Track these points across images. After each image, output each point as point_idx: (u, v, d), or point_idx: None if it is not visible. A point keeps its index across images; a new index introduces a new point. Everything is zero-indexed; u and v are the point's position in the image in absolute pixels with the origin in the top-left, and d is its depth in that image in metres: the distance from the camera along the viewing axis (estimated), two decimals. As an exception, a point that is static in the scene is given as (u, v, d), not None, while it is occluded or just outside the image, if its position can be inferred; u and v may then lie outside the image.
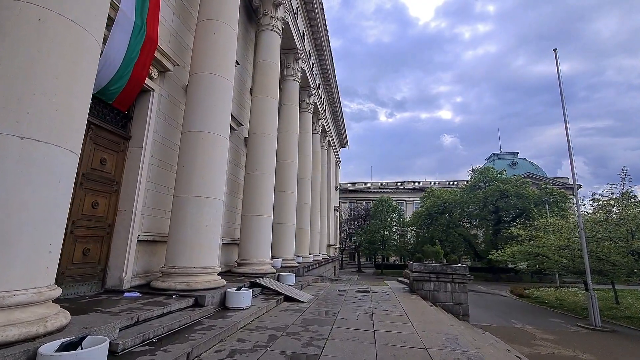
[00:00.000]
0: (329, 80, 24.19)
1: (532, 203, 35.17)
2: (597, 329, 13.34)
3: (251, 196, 10.68)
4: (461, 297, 10.48)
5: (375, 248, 48.00)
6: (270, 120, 11.45)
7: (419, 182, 64.39)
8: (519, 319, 15.37)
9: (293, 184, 14.98)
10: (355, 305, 7.87)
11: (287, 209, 14.34)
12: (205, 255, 6.56)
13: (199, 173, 6.81)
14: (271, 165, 11.27)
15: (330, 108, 28.99)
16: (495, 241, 36.92)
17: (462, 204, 40.69)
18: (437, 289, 10.59)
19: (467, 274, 10.60)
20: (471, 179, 42.90)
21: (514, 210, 37.74)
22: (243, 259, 10.24)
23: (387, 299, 9.08)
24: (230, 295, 6.33)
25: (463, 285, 10.56)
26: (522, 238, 21.64)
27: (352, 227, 55.27)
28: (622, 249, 14.55)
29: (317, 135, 23.13)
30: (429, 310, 7.99)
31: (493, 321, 14.32)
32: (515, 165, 59.75)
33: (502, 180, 37.73)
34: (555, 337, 11.81)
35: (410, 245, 48.75)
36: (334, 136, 34.00)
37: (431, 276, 10.64)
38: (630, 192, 18.86)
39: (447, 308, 10.30)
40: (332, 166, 32.29)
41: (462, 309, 10.39)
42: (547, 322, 14.80)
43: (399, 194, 62.18)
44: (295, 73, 15.89)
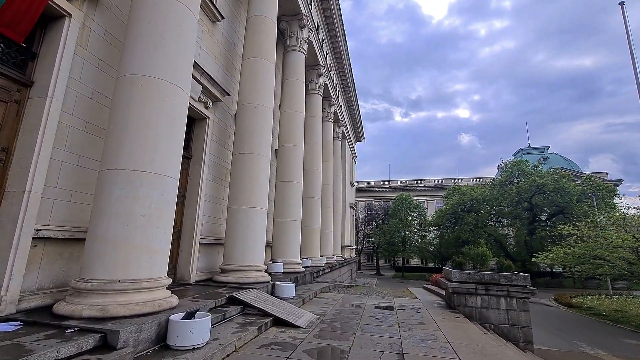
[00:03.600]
0: (341, 62, 21.66)
1: (574, 199, 31.17)
2: (699, 357, 10.15)
3: (239, 183, 8.33)
4: (520, 316, 7.69)
5: (395, 249, 44.87)
6: (264, 87, 9.06)
7: (441, 180, 60.62)
8: (583, 339, 12.27)
9: (298, 173, 12.56)
10: (376, 334, 5.32)
11: (290, 202, 11.95)
12: (137, 261, 4.19)
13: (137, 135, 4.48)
14: (266, 145, 8.89)
15: (344, 95, 26.44)
16: (530, 242, 33.17)
17: (491, 201, 37.01)
18: (487, 305, 7.84)
19: (528, 284, 7.80)
20: (501, 174, 39.12)
21: (551, 207, 33.77)
22: (227, 263, 7.90)
23: (419, 320, 6.46)
24: (173, 326, 3.93)
25: (523, 301, 7.76)
26: (574, 239, 18.26)
27: (369, 227, 52.35)
28: None
29: (329, 122, 20.64)
30: (486, 341, 5.33)
31: (553, 343, 11.35)
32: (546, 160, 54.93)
33: (538, 174, 33.83)
34: (650, 372, 8.81)
35: (434, 246, 45.31)
36: (349, 128, 31.39)
37: (478, 288, 7.91)
38: None
39: (502, 332, 7.55)
40: (347, 160, 29.70)
41: (522, 333, 7.60)
42: (624, 345, 11.65)
43: (418, 193, 58.68)
44: (300, 43, 13.49)
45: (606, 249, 16.20)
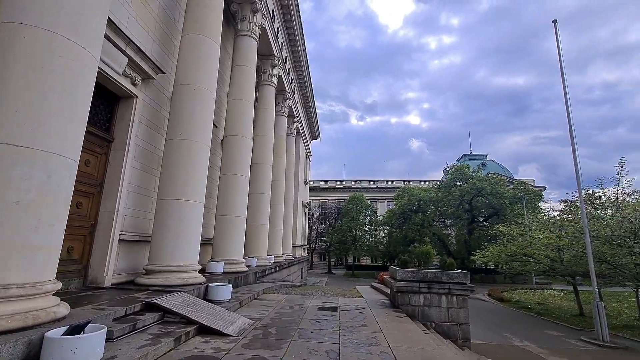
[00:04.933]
0: (298, 57, 21.09)
1: (508, 202, 34.10)
2: (606, 345, 11.28)
3: (172, 172, 7.36)
4: (460, 314, 7.80)
5: (346, 248, 45.48)
6: (206, 67, 8.16)
7: (392, 181, 62.93)
8: (513, 332, 13.11)
9: (245, 166, 11.74)
10: (314, 339, 4.85)
11: (236, 197, 11.10)
12: (1, 262, 3.22)
13: (15, 99, 3.48)
14: (205, 131, 8.00)
15: (301, 91, 25.90)
16: (469, 241, 35.60)
17: (436, 203, 39.10)
18: (429, 303, 7.82)
19: (468, 282, 7.93)
20: (446, 177, 41.53)
21: (488, 209, 36.63)
22: (153, 263, 6.91)
23: (362, 322, 6.14)
24: (48, 344, 3.04)
25: (462, 298, 7.88)
26: (507, 238, 19.73)
27: (323, 226, 52.49)
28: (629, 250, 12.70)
29: (283, 117, 19.95)
30: (426, 342, 5.14)
31: (487, 336, 11.92)
32: (484, 166, 59.66)
33: (478, 177, 36.47)
34: (569, 361, 9.52)
35: (383, 245, 46.71)
36: (304, 125, 30.94)
37: (421, 286, 7.86)
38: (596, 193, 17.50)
39: (442, 330, 7.57)
40: (301, 157, 29.19)
41: (461, 330, 7.70)
42: (547, 337, 12.64)
43: (371, 193, 60.28)
44: (252, 28, 12.65)
45: (533, 247, 17.68)
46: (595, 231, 13.98)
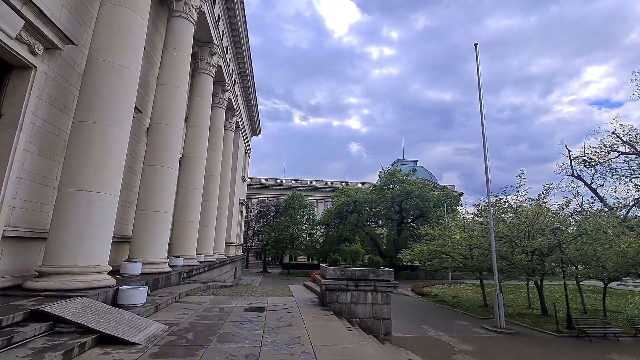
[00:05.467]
0: (240, 48, 20.29)
1: (432, 205, 37.41)
2: (503, 331, 13.00)
3: (79, 159, 6.41)
4: (383, 310, 8.21)
5: (283, 247, 45.26)
6: (128, 42, 7.29)
7: (331, 182, 64.47)
8: (430, 323, 14.33)
9: (173, 158, 10.83)
10: (235, 342, 4.61)
11: (161, 191, 10.17)
12: None
13: None
14: (124, 115, 7.13)
15: (242, 85, 24.99)
16: (397, 240, 38.15)
17: (371, 204, 41.12)
18: (356, 300, 8.09)
19: (392, 279, 8.39)
20: (380, 180, 43.93)
21: (415, 211, 39.76)
22: (49, 264, 5.94)
23: (288, 322, 6.06)
24: None
25: (387, 294, 8.31)
26: (429, 237, 21.60)
27: (260, 225, 51.46)
28: (523, 248, 14.84)
29: (221, 109, 18.98)
30: (349, 339, 5.26)
31: (407, 329, 12.82)
32: (415, 171, 64.66)
33: (408, 182, 39.32)
34: (472, 348, 10.68)
35: (319, 244, 47.56)
36: (245, 119, 29.95)
37: (349, 284, 8.09)
38: (501, 200, 20.30)
39: (367, 326, 7.88)
40: (240, 153, 28.17)
41: (384, 325, 8.11)
42: (456, 326, 14.08)
43: (311, 193, 61.01)
44: (188, 10, 11.76)
45: (450, 246, 19.64)
46: (499, 232, 16.05)
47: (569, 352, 11.10)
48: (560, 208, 19.47)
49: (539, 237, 15.46)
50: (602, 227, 16.98)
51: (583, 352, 11.11)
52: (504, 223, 17.45)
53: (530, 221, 15.78)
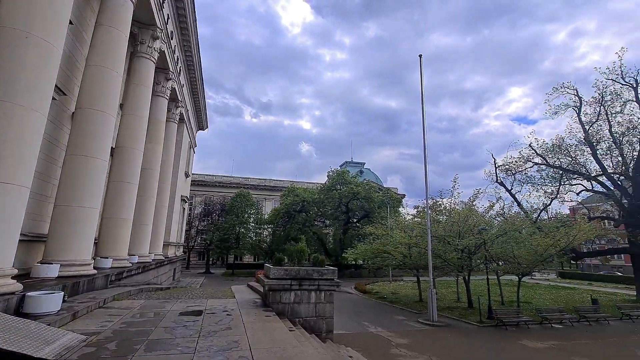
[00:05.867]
0: (188, 36, 19.07)
1: (377, 206, 39.10)
2: (435, 324, 14.02)
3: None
4: (326, 308, 8.30)
5: (228, 246, 43.61)
6: (48, 11, 6.36)
7: (280, 181, 63.91)
8: (370, 320, 14.91)
9: (103, 148, 9.76)
10: (165, 351, 4.25)
11: (86, 184, 9.09)
12: None
13: None
14: (39, 95, 6.20)
15: (189, 75, 23.54)
16: (343, 240, 39.16)
17: (319, 204, 41.61)
18: (299, 300, 8.05)
19: (335, 278, 8.52)
20: (329, 180, 44.68)
21: (361, 211, 41.22)
22: None
23: (227, 325, 5.79)
24: None
25: (330, 293, 8.42)
26: (373, 237, 22.50)
27: (205, 223, 49.02)
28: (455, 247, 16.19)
29: (163, 98, 17.65)
30: (290, 340, 5.20)
31: (348, 327, 13.15)
32: (362, 173, 67.13)
33: (355, 183, 40.57)
34: (408, 341, 11.33)
35: (266, 243, 46.82)
36: (191, 112, 28.28)
37: (292, 284, 8.03)
38: (438, 202, 22.14)
39: (309, 325, 7.89)
40: (183, 147, 26.48)
41: (326, 323, 8.20)
42: (394, 321, 14.84)
43: (259, 191, 59.82)
44: (127, -16, 10.68)
45: (391, 245, 20.69)
46: (435, 232, 17.33)
47: (488, 340, 12.36)
48: (486, 210, 21.72)
49: (468, 237, 17.04)
50: (519, 228, 19.32)
51: (500, 339, 12.45)
52: (439, 224, 18.89)
53: (462, 222, 17.33)
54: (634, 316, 16.90)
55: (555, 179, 26.88)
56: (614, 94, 24.74)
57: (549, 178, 27.15)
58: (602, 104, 24.98)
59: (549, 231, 18.71)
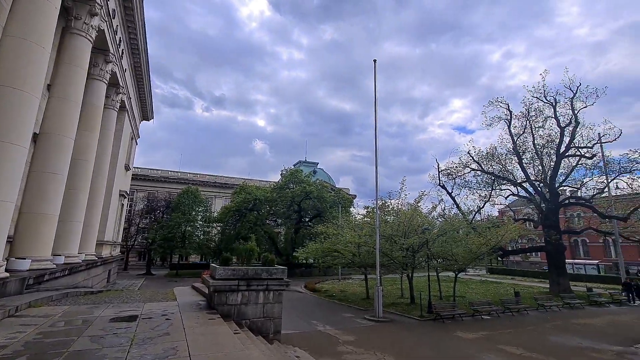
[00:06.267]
0: (132, 15, 17.53)
1: (329, 205, 39.70)
2: (380, 320, 14.60)
3: None
4: (275, 309, 8.15)
5: (172, 246, 40.98)
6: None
7: (232, 178, 61.89)
8: (318, 318, 15.04)
9: (20, 132, 8.52)
10: (90, 363, 3.79)
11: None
12: None
13: None
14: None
15: (133, 59, 21.67)
16: (295, 239, 39.12)
17: (271, 202, 41.06)
18: (247, 300, 7.81)
19: (285, 277, 8.42)
20: (282, 179, 44.30)
21: (313, 210, 41.57)
22: None
23: (165, 330, 5.39)
24: None
25: (279, 293, 8.29)
26: (324, 236, 22.80)
27: (147, 221, 45.57)
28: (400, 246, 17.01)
29: (101, 82, 16.04)
30: (234, 344, 4.99)
31: (297, 326, 13.12)
32: (315, 173, 67.74)
33: (308, 182, 40.75)
34: (354, 338, 11.63)
35: (215, 242, 44.96)
36: (134, 100, 26.08)
37: (240, 284, 7.75)
38: (386, 203, 23.30)
39: (256, 326, 7.69)
40: (124, 137, 24.30)
41: (274, 324, 8.06)
42: (342, 319, 15.16)
43: (209, 188, 57.30)
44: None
45: (341, 244, 21.15)
46: (383, 231, 18.06)
47: (427, 333, 13.20)
48: (430, 211, 23.22)
49: (413, 236, 18.06)
50: (457, 228, 20.96)
51: (438, 332, 13.37)
52: (387, 224, 19.75)
53: (407, 222, 18.30)
54: (547, 306, 19.28)
55: (489, 184, 29.71)
56: (538, 111, 28.04)
57: (484, 183, 29.94)
58: (528, 118, 28.17)
59: (482, 231, 20.59)
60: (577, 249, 55.06)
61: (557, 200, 27.44)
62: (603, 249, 52.20)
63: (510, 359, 10.00)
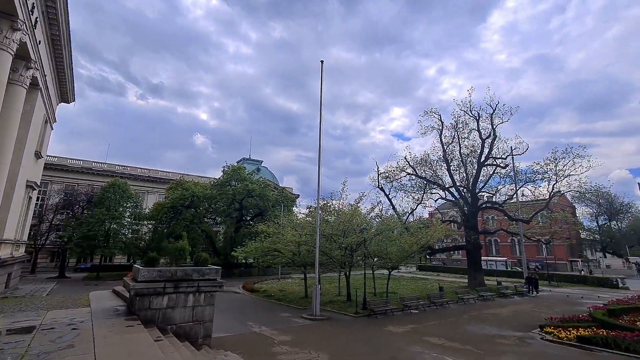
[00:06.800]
0: (49, -20, 15.21)
1: (271, 204, 39.19)
2: (317, 318, 14.77)
3: None
4: (206, 311, 7.71)
5: (94, 245, 36.57)
6: None
7: (168, 173, 57.63)
8: (254, 319, 14.69)
9: None
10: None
11: None
12: None
13: None
14: None
15: (50, 31, 18.85)
16: (235, 238, 37.85)
17: (210, 199, 39.16)
18: (174, 304, 7.25)
19: (219, 278, 8.02)
20: (224, 175, 42.54)
21: (255, 209, 40.69)
22: None
23: (69, 342, 4.72)
24: None
25: (211, 295, 7.86)
26: (264, 235, 22.43)
27: (62, 217, 40.09)
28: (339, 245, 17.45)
29: (5, 52, 13.61)
30: (153, 353, 4.57)
31: (231, 328, 12.62)
32: (259, 171, 66.54)
33: (251, 180, 39.76)
34: (290, 338, 11.57)
35: (145, 242, 41.32)
36: (51, 78, 22.69)
37: (167, 286, 7.17)
38: (328, 203, 23.94)
39: (184, 332, 7.18)
40: (35, 120, 20.97)
41: (204, 328, 7.61)
42: (280, 319, 15.01)
43: (141, 183, 52.60)
44: None
45: (282, 243, 21.00)
46: (323, 231, 18.36)
47: (361, 329, 13.74)
48: (368, 212, 24.25)
49: (352, 236, 18.68)
50: (392, 228, 22.25)
51: (370, 327, 14.00)
52: (328, 223, 20.13)
53: (347, 222, 18.87)
54: (465, 299, 21.48)
55: (421, 187, 32.18)
56: (464, 123, 31.17)
57: (417, 186, 32.33)
58: (457, 129, 31.16)
59: (414, 231, 22.17)
60: (491, 248, 62.82)
61: (477, 204, 30.80)
62: (510, 248, 60.42)
63: (434, 349, 10.86)
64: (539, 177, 28.82)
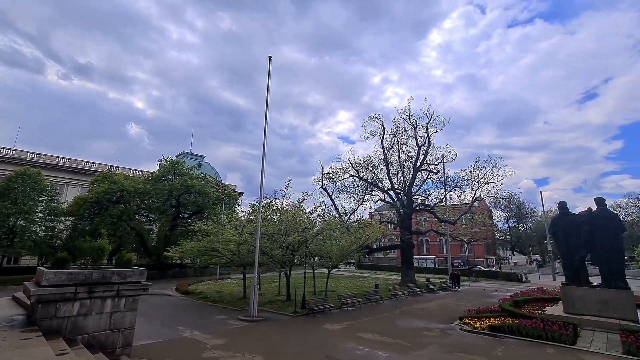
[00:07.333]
0: None
1: (212, 202, 37.39)
2: (254, 319, 14.41)
3: None
4: (126, 318, 6.99)
5: (-7, 245, 31.04)
6: None
7: (94, 164, 51.52)
8: (186, 323, 13.80)
9: None
10: None
11: None
12: None
13: None
14: None
15: None
16: (170, 237, 35.31)
17: (143, 195, 35.96)
18: (87, 311, 6.44)
19: (144, 280, 7.34)
20: (159, 169, 39.41)
21: (194, 206, 38.44)
22: None
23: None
24: None
25: (133, 299, 7.14)
26: (202, 234, 21.28)
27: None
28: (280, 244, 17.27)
29: None
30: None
31: (159, 335, 11.68)
32: (200, 166, 63.08)
33: (190, 176, 37.48)
34: (224, 341, 11.08)
35: (62, 240, 36.30)
36: None
37: (79, 291, 6.35)
38: (272, 202, 23.77)
39: (99, 342, 6.42)
40: None
41: (123, 337, 6.89)
42: (214, 322, 14.32)
43: (59, 173, 46.23)
44: None
45: (221, 242, 20.14)
46: (265, 230, 18.04)
47: (299, 328, 13.78)
48: (311, 212, 24.45)
49: (294, 235, 18.64)
50: (333, 228, 22.75)
51: (308, 326, 14.12)
52: (271, 222, 19.82)
53: (289, 221, 18.79)
54: (397, 295, 22.88)
55: (363, 189, 33.58)
56: (403, 130, 33.30)
57: (359, 188, 33.65)
58: (396, 135, 33.16)
59: (354, 231, 22.96)
60: (422, 247, 68.18)
61: (412, 206, 33.09)
62: (439, 247, 66.25)
63: (367, 345, 11.32)
64: (464, 183, 32.06)
